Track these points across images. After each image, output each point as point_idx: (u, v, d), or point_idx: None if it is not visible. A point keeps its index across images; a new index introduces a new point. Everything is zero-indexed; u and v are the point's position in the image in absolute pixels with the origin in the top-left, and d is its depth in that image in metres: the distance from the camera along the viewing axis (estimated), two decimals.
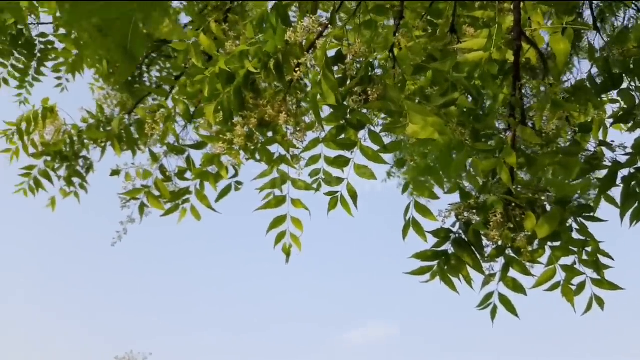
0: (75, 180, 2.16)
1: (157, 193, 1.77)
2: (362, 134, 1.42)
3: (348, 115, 1.38)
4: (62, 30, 2.75)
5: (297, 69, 1.35)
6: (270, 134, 1.48)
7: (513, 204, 1.42)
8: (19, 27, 2.93)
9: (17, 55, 2.91)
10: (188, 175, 1.79)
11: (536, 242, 1.44)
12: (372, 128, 1.41)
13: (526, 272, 1.44)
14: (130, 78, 3.01)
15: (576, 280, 1.46)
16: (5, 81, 2.74)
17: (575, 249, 1.46)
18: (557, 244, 1.46)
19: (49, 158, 2.12)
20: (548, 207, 1.46)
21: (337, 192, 1.38)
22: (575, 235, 1.46)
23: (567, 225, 1.44)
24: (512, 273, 1.45)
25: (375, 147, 1.41)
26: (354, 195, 1.37)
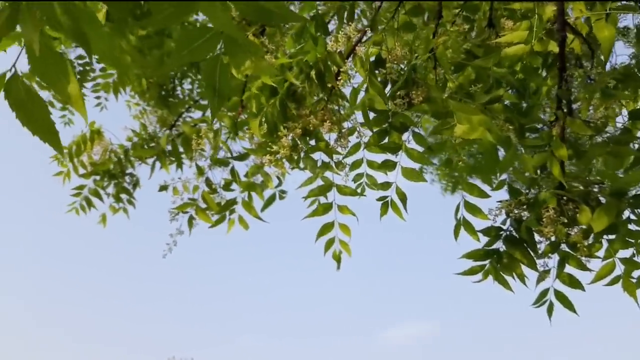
0: (123, 196, 2.24)
1: (204, 205, 1.82)
2: (406, 136, 1.42)
3: (390, 119, 1.39)
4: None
5: (338, 77, 1.37)
6: (312, 142, 1.50)
7: (565, 198, 1.39)
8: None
9: None
10: (233, 186, 1.83)
11: (592, 236, 1.41)
12: (416, 130, 1.41)
13: (583, 267, 1.40)
14: (163, 92, 3.11)
15: (636, 273, 1.42)
16: (52, 104, 2.87)
17: (633, 241, 1.42)
18: (614, 236, 1.42)
19: (97, 177, 2.21)
20: (602, 199, 1.42)
21: (387, 196, 1.39)
22: (632, 226, 1.41)
23: (624, 217, 1.40)
24: (568, 269, 1.42)
25: (420, 149, 1.42)
26: (403, 199, 1.37)
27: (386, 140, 1.41)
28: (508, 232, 1.41)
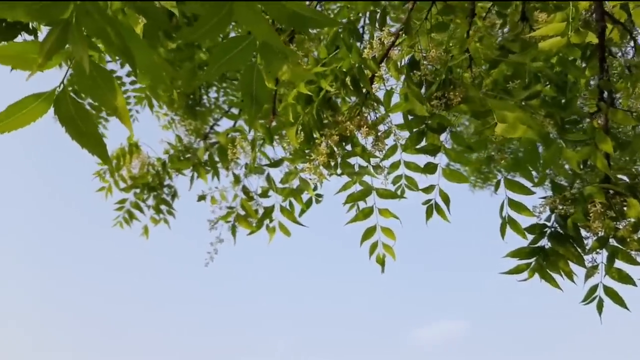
0: (163, 207, 2.30)
1: (243, 213, 1.85)
2: (443, 136, 1.42)
3: (427, 120, 1.38)
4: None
5: (373, 82, 1.37)
6: (348, 147, 1.51)
7: (612, 192, 1.36)
8: None
9: None
10: (270, 192, 1.85)
11: None
12: (453, 129, 1.40)
13: (633, 262, 1.37)
14: (190, 102, 3.16)
15: None
16: None
17: None
18: None
19: (137, 190, 2.27)
20: None
21: (431, 200, 1.38)
22: None
23: None
24: (618, 264, 1.39)
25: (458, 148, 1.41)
26: (447, 201, 1.36)
27: (424, 142, 1.41)
28: (553, 229, 1.39)
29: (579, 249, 1.39)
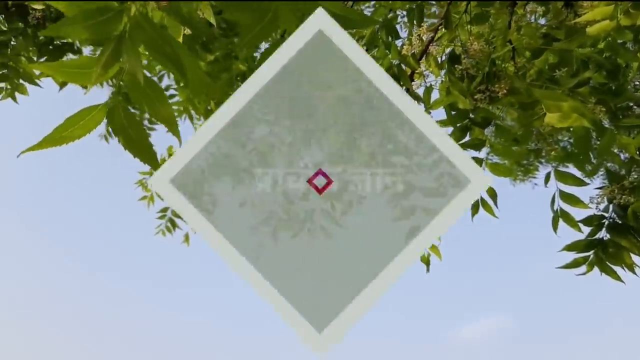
0: None
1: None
2: (487, 130, 1.38)
3: (471, 114, 1.35)
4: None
5: (413, 79, 1.36)
6: None
7: None
8: None
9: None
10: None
11: None
12: (498, 122, 1.37)
13: None
14: None
15: None
16: None
17: None
18: None
19: None
20: None
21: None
22: None
23: None
24: None
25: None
26: (493, 196, 1.33)
27: (467, 136, 1.38)
28: (611, 220, 1.33)
29: None
